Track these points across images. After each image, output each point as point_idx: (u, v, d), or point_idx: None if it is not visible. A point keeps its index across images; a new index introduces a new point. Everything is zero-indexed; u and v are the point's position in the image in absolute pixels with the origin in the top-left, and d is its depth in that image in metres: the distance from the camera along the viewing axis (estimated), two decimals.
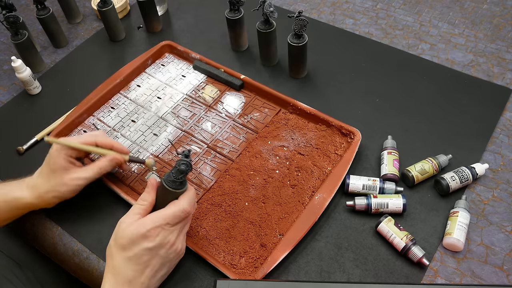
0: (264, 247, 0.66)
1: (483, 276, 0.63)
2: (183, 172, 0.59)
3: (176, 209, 0.59)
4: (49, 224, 0.74)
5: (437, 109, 0.81)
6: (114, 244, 0.59)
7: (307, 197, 0.71)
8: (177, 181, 0.59)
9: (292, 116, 0.81)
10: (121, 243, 0.58)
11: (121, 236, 0.59)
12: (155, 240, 0.58)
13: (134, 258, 0.58)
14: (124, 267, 0.58)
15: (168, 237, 0.59)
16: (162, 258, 0.60)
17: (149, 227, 0.58)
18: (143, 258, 0.58)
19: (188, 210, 0.60)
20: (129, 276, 0.58)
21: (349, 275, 0.64)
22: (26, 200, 0.69)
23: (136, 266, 0.58)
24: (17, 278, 0.75)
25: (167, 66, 0.92)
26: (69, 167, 0.68)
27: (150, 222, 0.58)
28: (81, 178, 0.68)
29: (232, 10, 0.88)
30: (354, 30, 0.97)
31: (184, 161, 0.59)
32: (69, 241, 0.72)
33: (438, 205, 0.69)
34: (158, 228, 0.58)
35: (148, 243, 0.58)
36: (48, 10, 0.96)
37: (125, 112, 0.85)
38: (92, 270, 0.69)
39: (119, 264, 0.58)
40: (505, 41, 0.91)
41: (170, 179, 0.60)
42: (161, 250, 0.59)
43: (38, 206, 0.70)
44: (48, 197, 0.69)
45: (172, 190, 0.60)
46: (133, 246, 0.58)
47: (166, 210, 0.59)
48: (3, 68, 0.99)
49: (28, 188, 0.69)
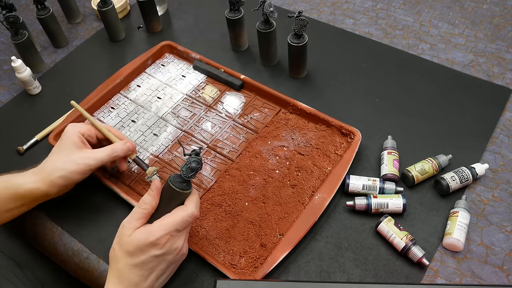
0: (264, 247, 0.66)
1: (483, 276, 0.63)
2: (194, 169, 0.58)
3: (184, 214, 0.58)
4: (49, 224, 0.74)
5: (437, 109, 0.81)
6: (119, 249, 0.58)
7: (307, 197, 0.71)
8: (185, 179, 0.59)
9: (292, 116, 0.81)
10: (127, 249, 0.57)
11: (127, 242, 0.57)
12: (164, 247, 0.57)
13: (141, 265, 0.57)
14: (129, 272, 0.57)
15: (176, 242, 0.59)
16: (169, 263, 0.59)
17: (158, 236, 0.57)
18: (150, 264, 0.57)
19: (196, 214, 0.59)
20: (135, 281, 0.57)
21: (349, 275, 0.64)
22: (27, 186, 0.65)
23: (142, 271, 0.57)
24: (17, 278, 0.75)
25: (167, 66, 0.92)
26: (81, 146, 0.68)
27: (159, 230, 0.57)
28: (92, 157, 0.66)
29: (232, 10, 0.88)
30: (354, 30, 0.97)
31: (195, 159, 0.59)
32: (69, 241, 0.72)
33: (438, 205, 0.69)
34: (167, 235, 0.57)
35: (157, 250, 0.57)
36: (48, 10, 0.96)
37: (125, 112, 0.85)
38: (92, 270, 0.69)
39: (125, 269, 0.58)
40: (505, 41, 0.91)
41: (178, 180, 0.59)
42: (169, 256, 0.59)
43: (40, 191, 0.66)
44: (52, 178, 0.65)
45: (179, 191, 0.59)
46: (141, 253, 0.57)
47: (174, 217, 0.58)
48: (3, 68, 0.99)
49: (32, 174, 0.66)
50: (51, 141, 0.80)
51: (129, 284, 0.57)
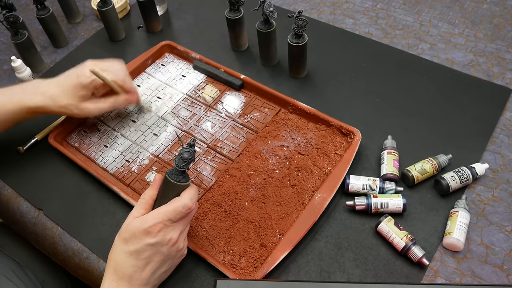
0: (264, 247, 0.66)
1: (483, 276, 0.63)
2: (186, 160, 0.59)
3: (178, 204, 0.59)
4: (49, 224, 0.74)
5: (437, 109, 0.81)
6: (118, 237, 0.60)
7: (307, 197, 0.71)
8: (179, 170, 0.60)
9: (292, 116, 0.81)
10: (124, 236, 0.59)
11: (124, 229, 0.60)
12: (157, 236, 0.58)
13: (135, 253, 0.58)
14: (124, 262, 0.58)
15: (170, 233, 0.59)
16: (164, 255, 0.60)
17: (151, 223, 0.58)
18: (144, 253, 0.58)
19: (190, 206, 0.60)
20: (129, 272, 0.58)
21: (349, 275, 0.64)
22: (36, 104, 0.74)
23: (137, 261, 0.58)
24: (18, 278, 0.75)
25: (167, 66, 0.92)
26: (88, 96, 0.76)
27: (152, 218, 0.58)
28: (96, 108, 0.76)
29: (232, 10, 0.88)
30: (354, 30, 0.97)
31: (187, 149, 0.59)
32: (69, 241, 0.72)
33: (438, 205, 0.69)
34: (160, 224, 0.58)
35: (150, 239, 0.58)
36: (48, 10, 0.96)
37: (125, 112, 0.85)
38: (92, 270, 0.69)
39: (120, 257, 0.59)
40: (505, 41, 0.91)
41: (174, 172, 0.60)
42: (163, 247, 0.59)
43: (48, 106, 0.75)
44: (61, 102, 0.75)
45: (174, 182, 0.60)
46: (135, 241, 0.58)
47: (167, 206, 0.59)
48: (3, 68, 0.99)
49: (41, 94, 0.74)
50: (51, 141, 0.80)
51: (124, 275, 0.58)
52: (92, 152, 0.80)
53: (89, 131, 0.83)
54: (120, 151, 0.79)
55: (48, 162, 0.80)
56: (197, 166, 0.76)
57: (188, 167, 0.60)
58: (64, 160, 0.80)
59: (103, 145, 0.81)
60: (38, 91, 0.75)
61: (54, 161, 0.80)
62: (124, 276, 0.58)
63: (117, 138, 0.81)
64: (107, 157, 0.79)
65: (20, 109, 0.74)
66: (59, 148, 0.79)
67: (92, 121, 0.84)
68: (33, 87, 0.76)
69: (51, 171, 0.79)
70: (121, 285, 0.58)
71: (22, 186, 0.78)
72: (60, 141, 0.81)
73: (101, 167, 0.78)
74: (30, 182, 0.79)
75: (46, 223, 0.74)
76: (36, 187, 0.78)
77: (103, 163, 0.78)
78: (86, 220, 0.73)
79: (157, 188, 0.62)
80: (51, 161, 0.80)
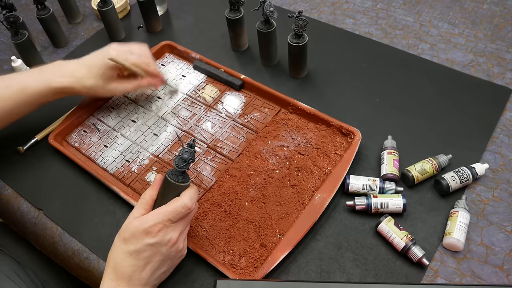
0: (264, 247, 0.66)
1: (483, 276, 0.63)
2: (186, 160, 0.59)
3: (177, 204, 0.59)
4: (49, 224, 0.74)
5: (437, 109, 0.81)
6: (118, 237, 0.60)
7: (307, 197, 0.71)
8: (179, 170, 0.59)
9: (292, 116, 0.81)
10: (124, 236, 0.59)
11: (124, 229, 0.60)
12: (156, 236, 0.58)
13: (135, 253, 0.58)
14: (124, 262, 0.58)
15: (169, 233, 0.59)
16: (163, 256, 0.60)
17: (151, 223, 0.58)
18: (144, 253, 0.58)
19: (189, 206, 0.60)
20: (129, 271, 0.58)
21: (349, 275, 0.64)
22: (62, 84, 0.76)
23: (136, 261, 0.58)
24: (19, 278, 0.75)
25: (167, 66, 0.92)
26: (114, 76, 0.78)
27: (151, 218, 0.58)
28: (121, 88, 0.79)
29: (232, 10, 0.88)
30: (354, 30, 0.97)
31: (187, 150, 0.59)
32: (69, 241, 0.72)
33: (438, 205, 0.69)
34: (160, 224, 0.58)
35: (150, 239, 0.58)
36: (48, 10, 0.96)
37: (125, 112, 0.85)
38: (92, 270, 0.69)
39: (120, 257, 0.59)
40: (505, 41, 0.91)
41: (174, 173, 0.60)
42: (163, 247, 0.59)
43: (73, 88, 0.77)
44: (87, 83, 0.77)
45: (174, 182, 0.60)
46: (135, 240, 0.58)
47: (167, 207, 0.59)
48: (3, 68, 0.99)
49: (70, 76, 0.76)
50: (51, 141, 0.80)
51: (123, 275, 0.58)
52: (92, 152, 0.80)
53: (89, 131, 0.83)
54: (120, 151, 0.79)
55: (48, 162, 0.80)
56: (197, 166, 0.76)
57: (188, 167, 0.60)
58: (64, 160, 0.80)
59: (103, 145, 0.81)
60: (67, 72, 0.76)
61: (54, 161, 0.80)
62: (124, 276, 0.58)
63: (117, 138, 0.81)
64: (107, 157, 0.79)
65: (49, 90, 0.75)
66: (59, 148, 0.79)
67: (92, 121, 0.84)
68: (60, 68, 0.77)
69: (51, 171, 0.79)
70: (120, 285, 0.58)
71: (22, 186, 0.78)
72: (60, 141, 0.81)
73: (101, 167, 0.78)
74: (30, 182, 0.79)
75: (46, 223, 0.74)
76: (36, 187, 0.78)
77: (103, 163, 0.78)
78: (86, 220, 0.73)
79: (157, 188, 0.62)
80: (51, 161, 0.80)
